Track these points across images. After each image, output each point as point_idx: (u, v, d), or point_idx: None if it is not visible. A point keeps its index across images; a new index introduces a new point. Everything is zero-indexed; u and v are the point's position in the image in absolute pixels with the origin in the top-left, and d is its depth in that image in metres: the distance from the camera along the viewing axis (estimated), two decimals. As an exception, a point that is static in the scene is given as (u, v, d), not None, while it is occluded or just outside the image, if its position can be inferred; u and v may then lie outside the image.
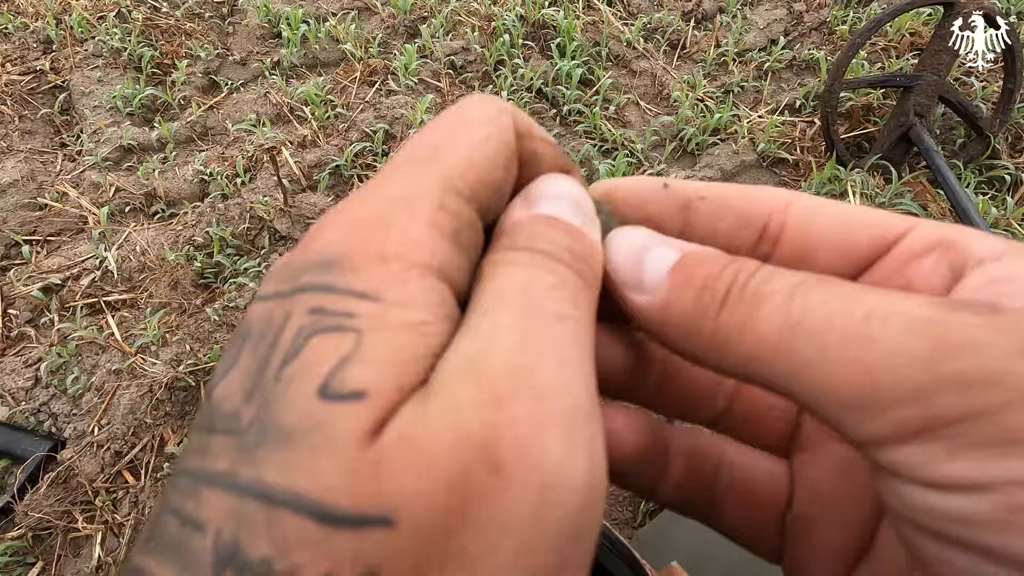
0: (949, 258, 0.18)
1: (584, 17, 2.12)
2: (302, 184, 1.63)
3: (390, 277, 0.16)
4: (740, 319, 0.17)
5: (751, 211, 0.21)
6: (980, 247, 0.18)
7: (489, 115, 0.19)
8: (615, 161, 1.67)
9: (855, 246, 0.20)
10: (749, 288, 0.17)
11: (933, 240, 0.19)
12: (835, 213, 0.20)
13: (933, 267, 0.18)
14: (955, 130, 1.83)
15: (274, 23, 2.09)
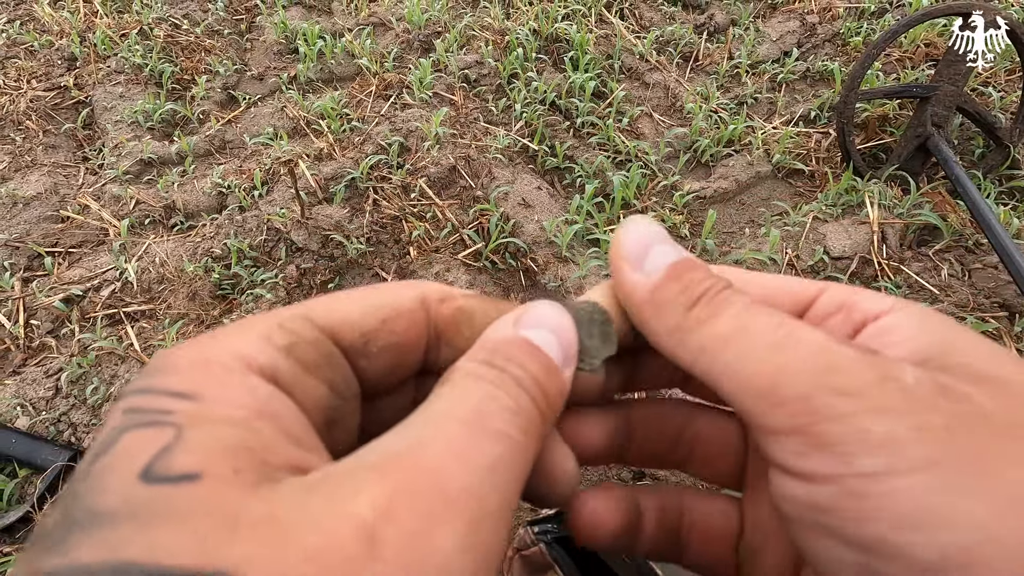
0: (852, 318, 0.23)
1: (597, 31, 2.14)
2: (318, 196, 1.65)
3: (211, 378, 0.17)
4: (702, 317, 0.22)
5: None
6: (873, 306, 0.23)
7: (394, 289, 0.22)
8: (629, 172, 1.67)
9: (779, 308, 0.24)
10: (717, 298, 0.22)
11: (838, 302, 0.24)
12: (759, 286, 0.25)
13: (840, 327, 0.23)
14: (973, 140, 1.81)
15: (291, 39, 2.13)
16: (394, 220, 1.60)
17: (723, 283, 0.23)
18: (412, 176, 1.67)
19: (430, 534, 0.15)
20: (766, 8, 2.28)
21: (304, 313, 0.20)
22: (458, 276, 1.49)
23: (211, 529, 0.14)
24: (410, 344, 0.22)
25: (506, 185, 1.65)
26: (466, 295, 0.24)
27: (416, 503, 0.15)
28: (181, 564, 0.13)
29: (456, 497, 0.15)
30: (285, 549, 0.14)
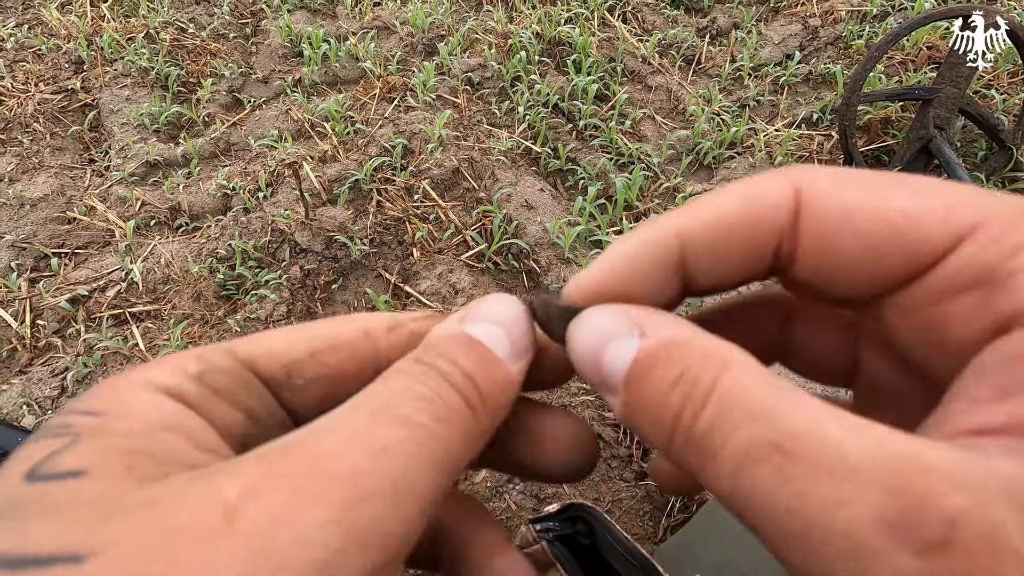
0: (993, 305, 0.15)
1: (599, 34, 2.15)
2: (322, 198, 1.66)
3: (116, 396, 0.17)
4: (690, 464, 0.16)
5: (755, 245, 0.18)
6: None
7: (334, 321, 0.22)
8: (631, 175, 1.68)
9: (882, 274, 0.17)
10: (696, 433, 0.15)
11: (977, 272, 0.15)
12: (860, 229, 0.17)
13: (972, 313, 0.16)
14: (976, 143, 1.81)
15: (296, 42, 2.15)
16: (397, 221, 1.61)
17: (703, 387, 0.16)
18: (415, 178, 1.67)
19: (294, 509, 0.14)
20: (768, 12, 2.29)
21: (228, 347, 0.20)
22: (461, 277, 1.50)
23: (83, 517, 0.14)
24: (346, 376, 0.21)
25: (509, 187, 1.66)
26: (416, 318, 0.22)
27: (287, 482, 0.15)
28: (40, 551, 0.13)
29: (334, 475, 0.15)
30: (149, 530, 0.14)
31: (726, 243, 0.18)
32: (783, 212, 0.18)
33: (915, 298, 0.17)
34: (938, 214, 0.16)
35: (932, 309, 0.16)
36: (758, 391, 0.15)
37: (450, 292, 1.49)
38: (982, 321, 0.15)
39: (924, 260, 0.16)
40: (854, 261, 0.17)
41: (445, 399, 0.18)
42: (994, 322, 0.15)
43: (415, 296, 1.49)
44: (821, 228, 0.17)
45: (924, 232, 0.16)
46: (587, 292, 0.20)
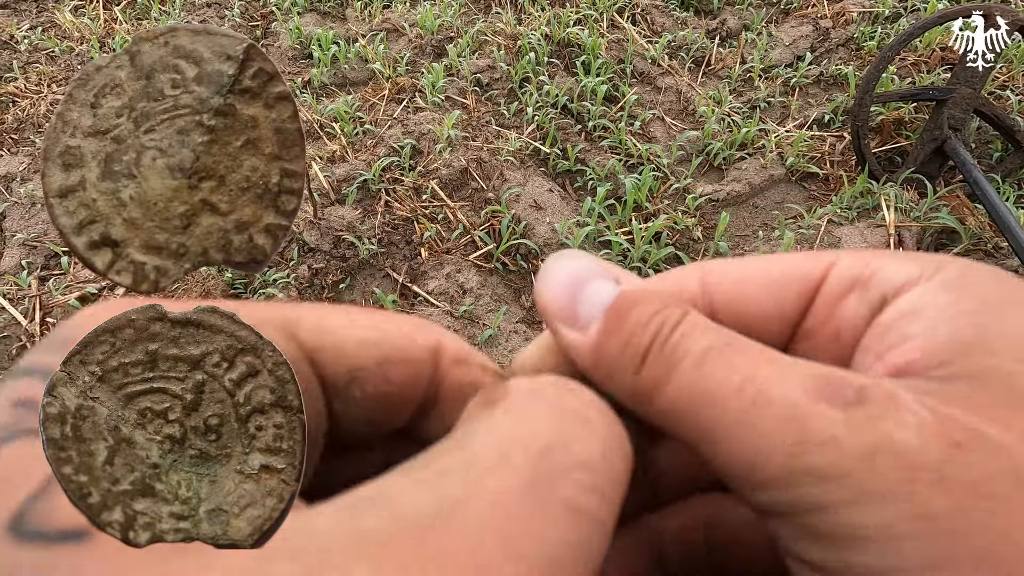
0: (867, 297, 0.19)
1: (608, 35, 2.15)
2: (331, 198, 1.66)
3: None
4: (655, 377, 0.17)
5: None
6: (894, 277, 0.18)
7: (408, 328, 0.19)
8: (641, 175, 1.67)
9: (786, 305, 0.20)
10: (668, 345, 0.17)
11: (850, 280, 0.19)
12: (757, 278, 0.20)
13: (855, 309, 0.19)
14: (991, 144, 1.79)
15: (305, 44, 2.16)
16: (406, 221, 1.60)
17: (675, 317, 0.18)
18: (424, 178, 1.67)
19: None
20: (778, 13, 2.28)
21: (289, 322, 0.17)
22: (469, 277, 1.49)
23: None
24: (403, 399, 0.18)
25: (517, 187, 1.65)
26: (483, 367, 0.20)
27: None
28: None
29: None
30: None
31: None
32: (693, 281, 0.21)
33: (814, 320, 0.20)
34: (809, 255, 0.20)
35: (827, 325, 0.19)
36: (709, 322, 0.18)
37: (458, 292, 1.48)
38: (862, 314, 0.19)
39: (810, 285, 0.20)
40: (760, 303, 0.20)
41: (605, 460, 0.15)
42: (870, 311, 0.19)
43: (423, 296, 1.48)
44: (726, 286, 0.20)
45: (801, 267, 0.20)
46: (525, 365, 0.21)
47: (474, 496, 0.13)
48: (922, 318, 0.17)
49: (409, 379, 0.18)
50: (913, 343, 0.17)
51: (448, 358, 0.19)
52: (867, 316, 0.18)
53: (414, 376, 0.18)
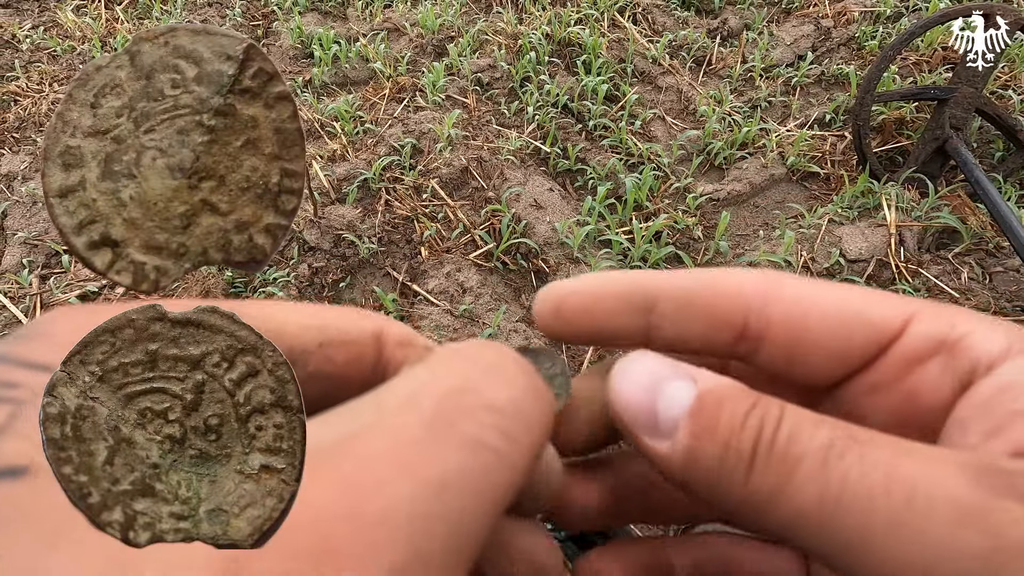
0: (954, 366, 0.17)
1: (609, 35, 2.14)
2: (331, 197, 1.66)
3: None
4: (772, 485, 0.15)
5: (724, 313, 0.20)
6: (985, 346, 0.17)
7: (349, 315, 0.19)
8: (641, 175, 1.67)
9: (850, 349, 0.19)
10: (778, 447, 0.16)
11: (934, 342, 0.18)
12: (826, 310, 0.19)
13: (938, 377, 0.18)
14: (993, 144, 1.79)
15: (306, 44, 2.16)
16: (406, 220, 1.60)
17: (774, 412, 0.16)
18: (424, 177, 1.67)
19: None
20: (780, 13, 2.28)
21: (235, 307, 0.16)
22: (469, 276, 1.49)
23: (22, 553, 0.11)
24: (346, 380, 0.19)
25: (518, 186, 1.65)
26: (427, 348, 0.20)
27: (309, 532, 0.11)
28: None
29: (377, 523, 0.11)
30: None
31: (699, 305, 0.20)
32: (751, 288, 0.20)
33: (883, 374, 0.19)
34: (887, 300, 0.19)
35: (901, 383, 0.18)
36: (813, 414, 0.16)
37: (458, 291, 1.48)
38: (949, 382, 0.17)
39: (884, 336, 0.18)
40: (823, 338, 0.19)
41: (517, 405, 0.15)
42: (959, 380, 0.17)
43: (423, 295, 1.48)
44: (791, 308, 0.19)
45: (879, 311, 0.19)
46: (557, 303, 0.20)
47: (376, 429, 0.13)
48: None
49: (352, 359, 0.19)
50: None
51: (392, 342, 0.19)
52: (954, 385, 0.17)
53: (356, 357, 0.19)
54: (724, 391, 0.17)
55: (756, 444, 0.16)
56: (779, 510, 0.15)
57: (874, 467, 0.14)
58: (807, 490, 0.15)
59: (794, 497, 0.15)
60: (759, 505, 0.16)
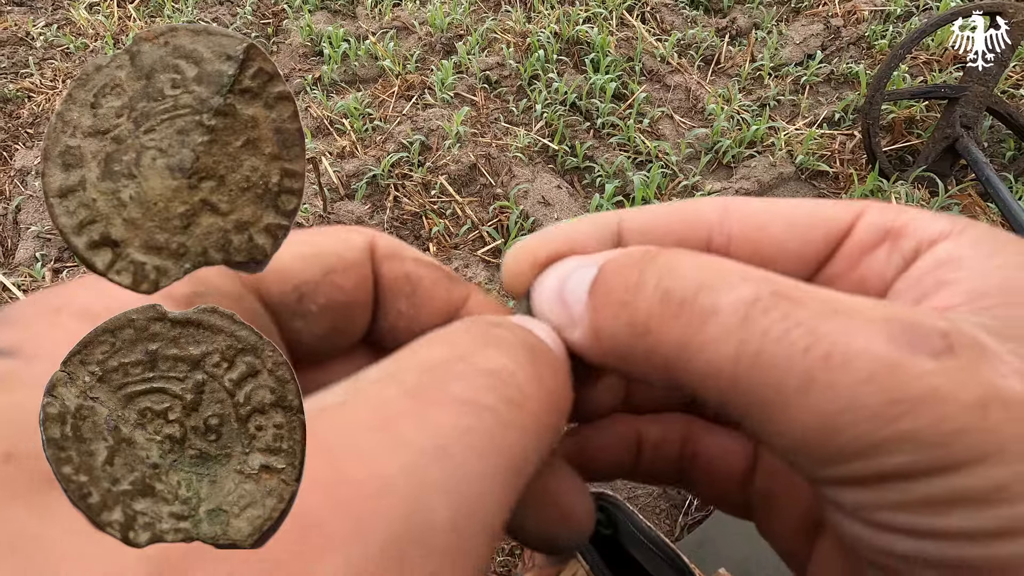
0: (900, 246, 0.18)
1: (618, 33, 2.14)
2: (340, 193, 1.67)
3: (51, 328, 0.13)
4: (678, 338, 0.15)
5: (688, 234, 0.20)
6: (928, 229, 0.18)
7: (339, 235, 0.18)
8: (649, 173, 1.66)
9: (808, 248, 0.19)
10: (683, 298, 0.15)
11: (881, 229, 0.18)
12: (783, 216, 0.19)
13: (886, 259, 0.18)
14: (1004, 143, 1.77)
15: (316, 42, 2.16)
16: (414, 217, 1.61)
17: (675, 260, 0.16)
18: (433, 174, 1.67)
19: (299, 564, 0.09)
20: (789, 12, 2.26)
21: None
22: (477, 272, 1.49)
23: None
24: (357, 304, 0.18)
25: (526, 183, 1.65)
26: (417, 260, 0.20)
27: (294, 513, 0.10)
28: None
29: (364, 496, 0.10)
30: None
31: (661, 230, 0.20)
32: (711, 210, 0.20)
33: (837, 267, 0.19)
34: (837, 202, 0.20)
35: (852, 272, 0.19)
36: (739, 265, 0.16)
37: (465, 289, 1.48)
38: (894, 264, 0.18)
39: (838, 230, 0.19)
40: (782, 240, 0.19)
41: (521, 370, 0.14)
42: (903, 260, 0.18)
43: (430, 292, 1.48)
44: (748, 220, 0.20)
45: (831, 211, 0.19)
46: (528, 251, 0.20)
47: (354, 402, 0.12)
48: (962, 267, 0.16)
49: (358, 282, 0.18)
50: (955, 288, 0.16)
51: (381, 254, 0.19)
52: (900, 266, 0.18)
53: (362, 279, 0.18)
54: (623, 258, 0.16)
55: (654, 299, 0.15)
56: (690, 364, 0.15)
57: (796, 324, 0.14)
58: (722, 344, 0.14)
59: (705, 350, 0.14)
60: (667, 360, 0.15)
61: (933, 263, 0.17)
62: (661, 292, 0.15)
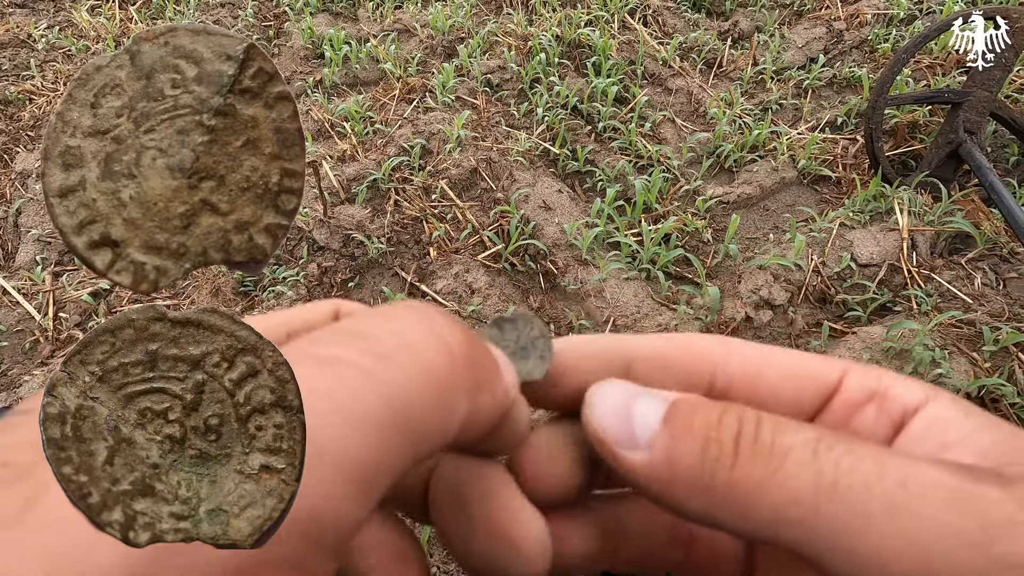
0: (887, 408, 0.20)
1: (619, 36, 2.14)
2: (341, 196, 1.67)
3: None
4: (760, 474, 0.16)
5: (695, 371, 0.22)
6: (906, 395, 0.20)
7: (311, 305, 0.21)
8: (651, 177, 1.66)
9: (802, 399, 0.21)
10: (762, 439, 0.16)
11: (867, 392, 0.21)
12: (779, 366, 0.21)
13: (874, 419, 0.20)
14: (1007, 148, 1.77)
15: (317, 44, 2.17)
16: (415, 221, 1.61)
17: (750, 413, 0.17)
18: (433, 178, 1.68)
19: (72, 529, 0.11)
20: (791, 15, 2.27)
21: None
22: (477, 277, 1.49)
23: None
24: None
25: (527, 188, 1.65)
26: None
27: None
28: None
29: None
30: None
31: (669, 361, 0.22)
32: (715, 350, 0.22)
33: (827, 422, 0.21)
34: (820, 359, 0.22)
35: (843, 428, 0.20)
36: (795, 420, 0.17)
37: (466, 292, 1.48)
38: (884, 424, 0.20)
39: (827, 387, 0.21)
40: (778, 390, 0.21)
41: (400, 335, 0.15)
42: (891, 423, 0.20)
43: (431, 295, 1.48)
44: (748, 366, 0.21)
45: (819, 367, 0.21)
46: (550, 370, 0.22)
47: None
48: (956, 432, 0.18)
49: None
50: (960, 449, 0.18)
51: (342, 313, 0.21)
52: (888, 426, 0.20)
53: None
54: (694, 399, 0.18)
55: (738, 437, 0.16)
56: (768, 498, 0.15)
57: (863, 457, 0.15)
58: (800, 477, 0.15)
59: (786, 483, 0.15)
60: (745, 496, 0.16)
61: (926, 428, 0.19)
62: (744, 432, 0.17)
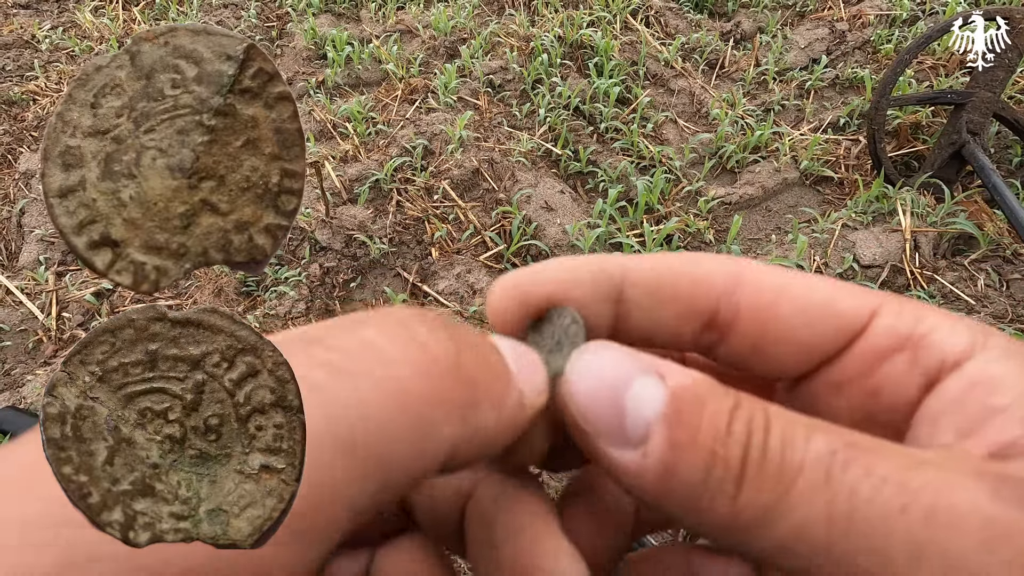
0: (921, 361, 0.17)
1: (622, 37, 2.14)
2: (343, 197, 1.67)
3: None
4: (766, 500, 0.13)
5: (696, 300, 0.19)
6: (950, 344, 0.16)
7: None
8: (653, 178, 1.66)
9: (817, 340, 0.18)
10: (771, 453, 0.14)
11: (899, 337, 0.17)
12: (795, 301, 0.18)
13: (906, 373, 0.17)
14: (1011, 149, 1.76)
15: (320, 45, 2.17)
16: (417, 221, 1.61)
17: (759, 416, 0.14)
18: (435, 178, 1.68)
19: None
20: (794, 16, 2.26)
21: None
22: (479, 277, 1.49)
23: None
24: None
25: (529, 188, 1.65)
26: None
27: None
28: None
29: None
30: None
31: (668, 292, 0.19)
32: (724, 276, 0.18)
33: (848, 370, 0.18)
34: (853, 292, 0.18)
35: (866, 379, 0.17)
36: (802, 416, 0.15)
37: (468, 292, 1.48)
38: (915, 379, 0.17)
39: (851, 328, 0.18)
40: (792, 327, 0.18)
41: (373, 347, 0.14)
42: (925, 377, 0.17)
43: (433, 296, 1.48)
44: (760, 296, 0.18)
45: (847, 303, 0.18)
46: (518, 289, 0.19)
47: None
48: (1003, 390, 0.15)
49: None
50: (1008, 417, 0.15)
51: None
52: (921, 383, 0.17)
53: None
54: (700, 389, 0.15)
55: (746, 454, 0.14)
56: (775, 529, 0.13)
57: (884, 481, 0.13)
58: (811, 506, 0.13)
59: (793, 514, 0.13)
60: (751, 523, 0.14)
61: (969, 387, 0.16)
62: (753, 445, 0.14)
